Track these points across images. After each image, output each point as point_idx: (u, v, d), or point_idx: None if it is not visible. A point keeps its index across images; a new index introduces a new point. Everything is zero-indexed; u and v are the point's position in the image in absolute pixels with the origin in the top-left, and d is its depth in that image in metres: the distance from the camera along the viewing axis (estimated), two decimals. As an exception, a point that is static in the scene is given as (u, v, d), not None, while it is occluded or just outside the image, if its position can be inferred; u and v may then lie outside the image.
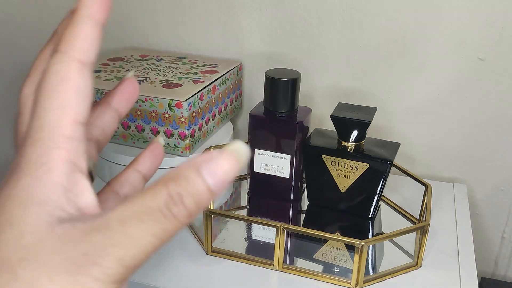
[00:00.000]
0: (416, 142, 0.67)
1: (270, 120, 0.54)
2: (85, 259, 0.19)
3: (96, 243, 0.19)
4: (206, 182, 0.20)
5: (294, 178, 0.56)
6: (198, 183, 0.20)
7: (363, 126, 0.51)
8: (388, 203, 0.59)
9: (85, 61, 0.22)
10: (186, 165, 0.20)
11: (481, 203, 0.68)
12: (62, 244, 0.19)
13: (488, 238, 0.69)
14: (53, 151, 0.21)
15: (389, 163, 0.51)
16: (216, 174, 0.20)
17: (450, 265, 0.49)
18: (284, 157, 0.55)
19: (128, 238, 0.20)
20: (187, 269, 0.47)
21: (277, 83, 0.52)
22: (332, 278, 0.46)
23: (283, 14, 0.66)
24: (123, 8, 0.72)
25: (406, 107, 0.65)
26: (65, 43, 0.22)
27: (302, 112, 0.55)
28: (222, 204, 0.60)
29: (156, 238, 0.20)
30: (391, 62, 0.64)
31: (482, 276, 0.69)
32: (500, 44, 0.59)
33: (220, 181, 0.20)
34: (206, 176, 0.20)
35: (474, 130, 0.64)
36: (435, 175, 0.68)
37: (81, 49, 0.22)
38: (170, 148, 0.60)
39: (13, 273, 0.19)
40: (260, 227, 0.53)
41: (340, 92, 0.67)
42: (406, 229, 0.46)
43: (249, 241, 0.52)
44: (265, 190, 0.58)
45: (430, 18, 0.60)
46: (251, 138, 0.56)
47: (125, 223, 0.20)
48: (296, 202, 0.58)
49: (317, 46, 0.66)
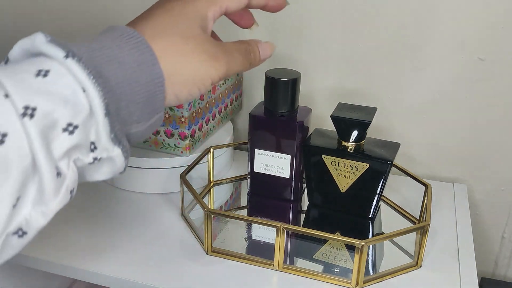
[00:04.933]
0: (416, 142, 0.67)
1: (270, 120, 0.54)
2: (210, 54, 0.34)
3: (211, 48, 0.34)
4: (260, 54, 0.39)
5: (294, 178, 0.56)
6: (257, 54, 0.38)
7: (363, 126, 0.51)
8: (388, 203, 0.59)
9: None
10: (252, 44, 0.39)
11: (481, 203, 0.68)
12: (195, 41, 0.33)
13: (488, 238, 0.69)
14: (208, 10, 0.34)
15: (389, 163, 0.51)
16: (264, 52, 0.39)
17: (450, 265, 0.49)
18: (284, 157, 0.55)
19: (230, 56, 0.35)
20: (187, 269, 0.47)
21: (277, 83, 0.52)
22: (332, 278, 0.46)
23: (283, 14, 0.65)
24: (123, 8, 0.72)
25: (406, 107, 0.65)
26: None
27: (302, 112, 0.55)
28: (222, 204, 0.60)
29: (242, 63, 0.37)
30: (391, 62, 0.64)
31: (482, 276, 0.69)
32: (500, 44, 0.59)
33: (265, 56, 0.39)
34: (261, 51, 0.39)
35: (474, 130, 0.64)
36: (435, 175, 0.68)
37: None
38: (170, 148, 0.60)
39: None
40: (260, 227, 0.53)
41: (340, 92, 0.67)
42: (406, 229, 0.46)
43: (249, 241, 0.52)
44: (265, 190, 0.58)
45: (430, 18, 0.60)
46: (251, 138, 0.56)
47: (230, 49, 0.36)
48: (296, 202, 0.58)
49: (317, 46, 0.66)
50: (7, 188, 0.26)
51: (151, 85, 0.31)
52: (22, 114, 0.25)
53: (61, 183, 0.28)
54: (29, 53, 0.29)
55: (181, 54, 0.32)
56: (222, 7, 0.35)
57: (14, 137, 0.25)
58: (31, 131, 0.26)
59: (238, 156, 0.69)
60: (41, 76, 0.27)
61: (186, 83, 0.32)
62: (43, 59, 0.28)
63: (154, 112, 0.32)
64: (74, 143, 0.28)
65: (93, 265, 0.48)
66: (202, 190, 0.60)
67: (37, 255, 0.49)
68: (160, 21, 0.32)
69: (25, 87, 0.26)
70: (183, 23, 0.33)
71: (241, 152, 0.71)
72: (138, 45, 0.30)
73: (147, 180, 0.60)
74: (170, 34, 0.32)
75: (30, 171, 0.26)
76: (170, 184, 0.60)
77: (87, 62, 0.28)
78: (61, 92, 0.27)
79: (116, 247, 0.50)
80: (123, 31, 0.31)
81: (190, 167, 0.57)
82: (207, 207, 0.48)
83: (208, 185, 0.62)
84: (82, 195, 0.60)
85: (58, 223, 0.54)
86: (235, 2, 0.36)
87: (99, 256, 0.49)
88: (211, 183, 0.62)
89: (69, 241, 0.51)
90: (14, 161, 0.25)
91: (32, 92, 0.26)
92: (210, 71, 0.33)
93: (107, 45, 0.29)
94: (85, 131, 0.28)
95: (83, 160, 0.29)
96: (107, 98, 0.28)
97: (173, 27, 0.32)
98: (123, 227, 0.54)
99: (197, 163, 0.58)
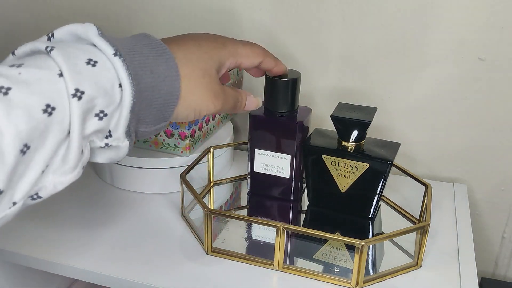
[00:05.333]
0: (416, 142, 0.67)
1: (270, 120, 0.54)
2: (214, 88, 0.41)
3: (217, 88, 0.41)
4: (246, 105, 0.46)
5: (294, 178, 0.56)
6: (243, 104, 0.45)
7: (363, 126, 0.51)
8: (388, 203, 0.59)
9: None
10: (243, 95, 0.45)
11: (481, 203, 0.68)
12: (209, 79, 0.40)
13: (488, 238, 0.69)
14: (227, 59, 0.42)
15: (389, 163, 0.51)
16: (249, 105, 0.46)
17: (450, 265, 0.49)
18: (284, 157, 0.55)
19: (226, 100, 0.42)
20: (187, 269, 0.47)
21: (277, 83, 0.52)
22: (332, 278, 0.46)
23: (283, 14, 0.66)
24: (123, 8, 0.72)
25: (406, 107, 0.65)
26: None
27: (302, 112, 0.55)
28: (222, 204, 0.60)
29: (231, 107, 0.44)
30: (391, 62, 0.64)
31: (482, 276, 0.69)
32: (500, 44, 0.59)
33: (248, 108, 0.46)
34: (247, 103, 0.46)
35: (474, 130, 0.64)
36: (435, 175, 0.68)
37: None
38: (170, 148, 0.60)
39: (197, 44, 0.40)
40: (260, 227, 0.53)
41: (340, 92, 0.67)
42: (406, 229, 0.46)
43: (249, 241, 0.52)
44: (265, 190, 0.58)
45: (430, 18, 0.60)
46: (251, 138, 0.56)
47: (228, 94, 0.42)
48: (296, 202, 0.58)
49: (317, 46, 0.66)
50: (43, 153, 0.30)
51: (169, 97, 0.36)
52: (72, 94, 0.30)
53: (80, 159, 0.32)
54: (77, 37, 0.34)
55: (195, 84, 0.38)
56: (237, 61, 0.43)
57: (60, 112, 0.30)
58: (75, 111, 0.30)
59: (238, 156, 0.69)
60: (90, 65, 0.31)
61: (189, 107, 0.38)
62: (93, 50, 0.32)
63: (163, 120, 0.37)
64: (99, 128, 0.33)
65: (93, 265, 0.48)
66: (202, 190, 0.60)
67: (37, 255, 0.49)
68: (191, 51, 0.39)
69: (77, 71, 0.30)
70: (206, 61, 0.39)
71: (241, 152, 0.71)
72: (168, 61, 0.36)
73: (147, 180, 0.60)
74: (195, 64, 0.39)
75: (62, 143, 0.31)
76: (170, 184, 0.60)
77: (128, 63, 0.33)
78: (104, 83, 0.32)
79: (116, 247, 0.50)
80: (159, 45, 0.36)
81: (190, 167, 0.57)
82: (207, 207, 0.48)
83: (208, 185, 0.62)
84: (82, 194, 0.60)
85: (58, 223, 0.54)
86: (248, 62, 0.44)
87: (99, 256, 0.49)
88: (211, 183, 0.62)
89: (69, 241, 0.51)
90: (53, 132, 0.30)
91: (82, 78, 0.31)
92: (209, 105, 0.40)
93: (145, 53, 0.35)
94: (109, 120, 0.33)
95: (97, 143, 0.34)
96: (135, 98, 0.33)
97: (199, 60, 0.39)
98: (123, 227, 0.54)
99: (197, 163, 0.58)
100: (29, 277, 0.60)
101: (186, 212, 0.56)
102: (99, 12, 0.74)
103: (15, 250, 0.50)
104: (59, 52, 0.30)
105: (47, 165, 0.30)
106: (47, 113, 0.29)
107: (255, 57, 0.44)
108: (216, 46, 0.41)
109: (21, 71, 0.29)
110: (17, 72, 0.29)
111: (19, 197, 0.30)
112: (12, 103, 0.27)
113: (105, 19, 0.74)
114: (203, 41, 0.40)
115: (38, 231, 0.53)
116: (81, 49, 0.32)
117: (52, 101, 0.29)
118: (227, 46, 0.42)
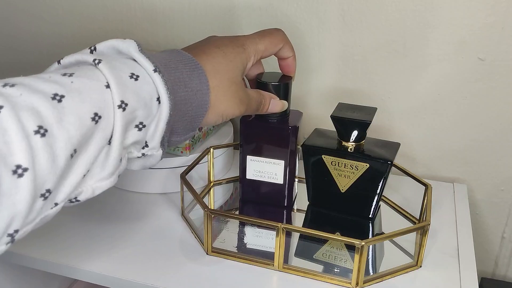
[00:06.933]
0: (416, 142, 0.67)
1: (262, 125, 0.52)
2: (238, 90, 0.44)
3: (242, 94, 0.44)
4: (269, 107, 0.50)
5: (288, 183, 0.55)
6: (266, 107, 0.49)
7: (363, 126, 0.51)
8: (388, 203, 0.59)
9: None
10: (267, 98, 0.49)
11: (481, 203, 0.68)
12: (235, 87, 0.43)
13: (488, 238, 0.69)
14: (249, 60, 0.45)
15: (389, 163, 0.51)
16: (273, 107, 0.50)
17: (450, 265, 0.49)
18: (278, 162, 0.54)
19: (249, 103, 0.45)
20: (187, 269, 0.47)
21: (268, 87, 0.50)
22: (332, 278, 0.46)
23: (283, 14, 0.66)
24: (123, 8, 0.72)
25: (406, 107, 0.65)
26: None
27: (294, 116, 0.54)
28: (222, 204, 0.60)
29: (253, 110, 0.47)
30: (391, 62, 0.64)
31: (482, 276, 0.69)
32: (500, 44, 0.59)
33: (272, 110, 0.50)
34: (271, 106, 0.50)
35: (474, 130, 0.64)
36: (435, 175, 0.68)
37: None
38: (170, 148, 0.60)
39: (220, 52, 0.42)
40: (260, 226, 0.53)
41: (340, 92, 0.67)
42: (406, 229, 0.46)
43: (249, 241, 0.52)
44: (257, 197, 0.57)
45: (430, 18, 0.60)
46: (242, 144, 0.54)
47: (251, 98, 0.46)
48: (289, 208, 0.57)
49: (317, 46, 0.66)
50: (86, 158, 0.32)
51: (199, 109, 0.39)
52: (118, 105, 0.32)
53: (118, 167, 0.34)
54: (117, 51, 0.36)
55: (224, 94, 0.41)
56: (258, 58, 0.46)
57: (106, 121, 0.32)
58: (118, 120, 0.33)
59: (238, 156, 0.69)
60: (133, 79, 0.34)
61: (217, 114, 0.41)
62: (134, 65, 0.35)
63: (191, 130, 0.40)
64: (138, 139, 0.35)
65: (93, 265, 0.48)
66: (202, 190, 0.60)
67: (37, 255, 0.49)
68: (218, 61, 0.41)
69: (122, 84, 0.33)
70: (233, 71, 0.42)
71: (241, 152, 0.71)
72: (200, 77, 0.39)
73: (147, 180, 0.60)
74: (223, 75, 0.41)
75: (104, 151, 0.33)
76: (170, 184, 0.60)
77: (166, 78, 0.35)
78: (144, 96, 0.34)
79: (116, 247, 0.50)
80: (191, 61, 0.39)
81: (190, 167, 0.57)
82: (207, 207, 0.48)
83: (208, 185, 0.62)
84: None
85: (58, 223, 0.54)
86: (267, 54, 0.47)
87: (99, 256, 0.49)
88: (211, 183, 0.62)
89: (69, 241, 0.51)
90: (96, 139, 0.32)
91: (127, 90, 0.33)
92: (235, 110, 0.43)
93: (179, 69, 0.37)
94: (147, 131, 0.36)
95: (134, 153, 0.36)
96: (171, 111, 0.36)
97: (226, 71, 0.41)
98: (123, 227, 0.54)
99: (197, 163, 0.58)
100: (29, 277, 0.60)
101: (186, 212, 0.56)
102: (99, 11, 0.74)
103: (15, 251, 0.50)
104: (106, 65, 0.33)
105: (88, 169, 0.32)
106: (94, 121, 0.31)
107: (273, 47, 0.47)
108: (239, 52, 0.43)
109: (73, 80, 0.31)
110: (70, 80, 0.31)
111: (61, 198, 0.31)
112: (65, 110, 0.30)
113: (105, 20, 0.74)
114: (226, 48, 0.43)
115: (38, 232, 0.53)
116: (124, 63, 0.35)
117: (100, 110, 0.31)
118: (247, 48, 0.44)
